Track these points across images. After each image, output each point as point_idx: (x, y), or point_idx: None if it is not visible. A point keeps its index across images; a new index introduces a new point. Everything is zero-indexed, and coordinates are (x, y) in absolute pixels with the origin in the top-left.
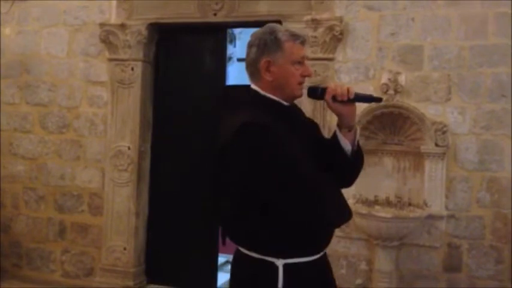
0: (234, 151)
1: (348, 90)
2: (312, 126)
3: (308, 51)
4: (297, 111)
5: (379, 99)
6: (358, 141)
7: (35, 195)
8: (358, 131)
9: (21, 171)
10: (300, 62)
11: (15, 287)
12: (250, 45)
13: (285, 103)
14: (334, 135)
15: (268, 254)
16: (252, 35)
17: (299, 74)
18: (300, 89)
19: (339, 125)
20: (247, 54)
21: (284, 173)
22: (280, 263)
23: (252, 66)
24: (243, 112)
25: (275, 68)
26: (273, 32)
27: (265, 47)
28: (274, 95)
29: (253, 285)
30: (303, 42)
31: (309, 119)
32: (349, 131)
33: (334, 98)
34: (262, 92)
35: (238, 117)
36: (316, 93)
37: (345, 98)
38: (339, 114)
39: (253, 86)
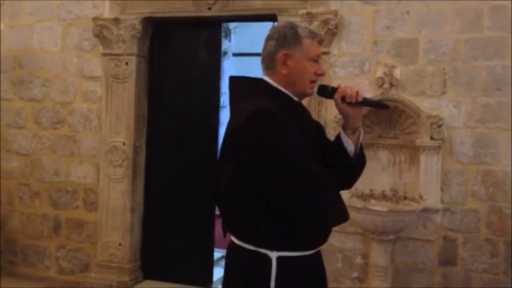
0: (244, 135)
1: (357, 93)
2: (316, 127)
3: None
4: (304, 110)
5: (386, 107)
6: (361, 144)
7: (29, 191)
8: (362, 134)
9: (15, 167)
10: (315, 60)
11: (12, 285)
12: (268, 39)
13: (295, 99)
14: (338, 137)
15: (262, 245)
16: (271, 29)
17: (313, 71)
18: (311, 87)
19: (344, 127)
20: (264, 47)
21: (287, 165)
22: (273, 255)
23: (269, 58)
24: (256, 99)
25: (291, 62)
26: (293, 27)
27: (285, 41)
28: (285, 89)
29: (246, 277)
30: (320, 41)
31: (314, 120)
32: (353, 133)
33: (343, 99)
34: (274, 84)
35: (250, 104)
36: (327, 91)
37: (353, 100)
38: (345, 115)
39: (266, 79)
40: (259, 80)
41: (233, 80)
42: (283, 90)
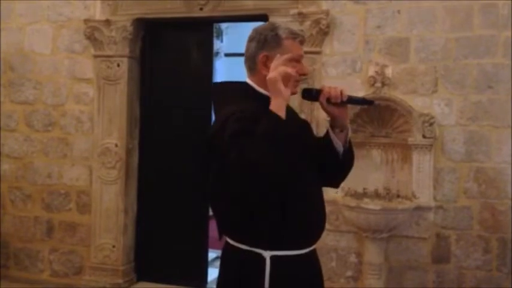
0: (219, 140)
1: (341, 93)
2: (303, 126)
3: None
4: (289, 110)
5: (371, 102)
6: (350, 141)
7: (21, 195)
8: (350, 131)
9: (6, 170)
10: (297, 61)
11: None
12: (250, 40)
13: None
14: (326, 135)
15: (255, 245)
16: (253, 30)
17: (295, 71)
18: (294, 87)
19: (332, 125)
20: (247, 48)
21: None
22: (267, 254)
23: (250, 60)
24: (236, 105)
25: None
26: (274, 29)
27: (265, 43)
28: (268, 91)
29: (240, 277)
30: (301, 41)
31: (301, 118)
32: (341, 131)
33: (328, 100)
34: (256, 88)
35: (227, 110)
36: (311, 95)
37: (338, 100)
38: (332, 116)
39: (248, 81)
40: (242, 84)
41: (216, 86)
42: (265, 92)
